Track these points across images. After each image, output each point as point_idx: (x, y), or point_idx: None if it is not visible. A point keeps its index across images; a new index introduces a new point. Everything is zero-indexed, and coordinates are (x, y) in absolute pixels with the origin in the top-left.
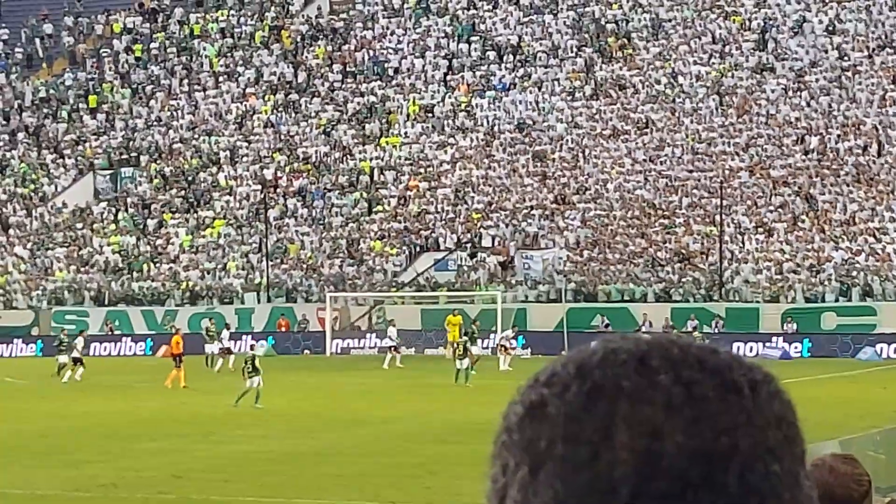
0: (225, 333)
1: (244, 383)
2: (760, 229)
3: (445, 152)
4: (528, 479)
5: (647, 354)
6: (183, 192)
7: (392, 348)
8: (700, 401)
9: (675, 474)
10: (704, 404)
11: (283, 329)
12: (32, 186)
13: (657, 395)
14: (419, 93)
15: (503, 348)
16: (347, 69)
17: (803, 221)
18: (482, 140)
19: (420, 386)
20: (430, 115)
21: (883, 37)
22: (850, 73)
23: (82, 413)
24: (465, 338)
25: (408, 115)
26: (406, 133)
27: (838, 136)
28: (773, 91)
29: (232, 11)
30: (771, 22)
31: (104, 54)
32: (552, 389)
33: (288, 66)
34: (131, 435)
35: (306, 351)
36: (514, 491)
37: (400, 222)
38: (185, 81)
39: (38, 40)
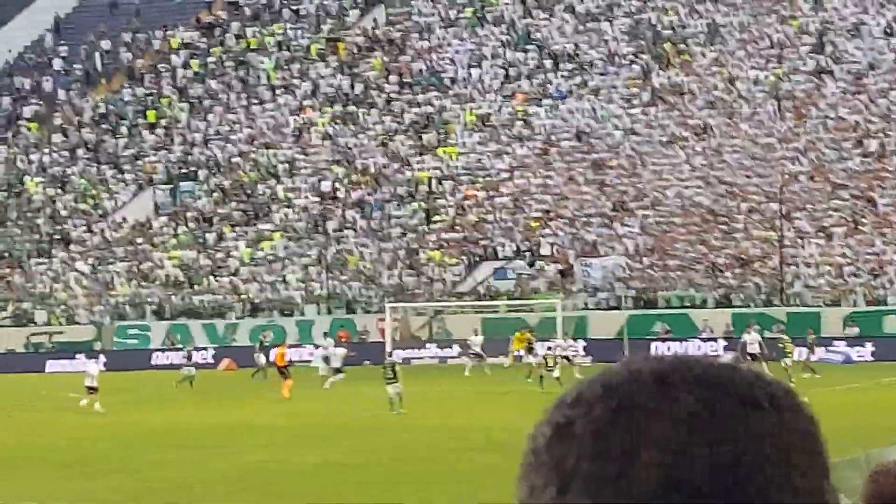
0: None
1: (385, 390)
2: (820, 233)
3: (503, 161)
4: (556, 498)
5: (669, 373)
6: (242, 206)
7: (475, 355)
8: (722, 417)
9: (700, 490)
10: (726, 420)
11: (344, 340)
12: (93, 202)
13: (680, 413)
14: (476, 102)
15: (560, 358)
16: (404, 80)
17: (863, 225)
18: (540, 148)
19: (481, 394)
20: (487, 124)
21: None
22: None
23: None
24: (549, 350)
25: (465, 125)
26: (463, 143)
27: None
28: (831, 94)
29: (288, 24)
30: (828, 25)
31: (162, 69)
32: (578, 410)
33: (345, 78)
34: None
35: (367, 361)
36: None
37: (458, 232)
38: (243, 95)
39: (96, 56)
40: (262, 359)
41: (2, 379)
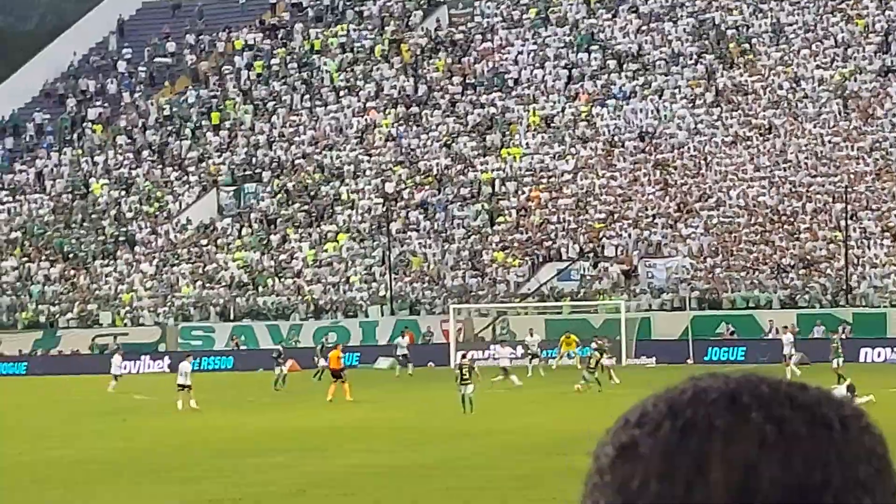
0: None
1: (458, 391)
2: (886, 233)
3: (567, 162)
4: None
5: (738, 392)
6: (306, 207)
7: (532, 356)
8: (792, 436)
9: None
10: (796, 440)
11: (408, 341)
12: (157, 204)
13: (750, 432)
14: (539, 103)
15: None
16: (467, 81)
17: None
18: (603, 149)
19: (549, 395)
20: (550, 125)
21: None
22: None
23: (191, 429)
24: (596, 351)
25: (528, 126)
26: (527, 144)
27: None
28: None
29: (352, 26)
30: (894, 24)
31: (226, 71)
32: (644, 429)
33: (408, 80)
34: (238, 450)
35: (430, 363)
36: None
37: (522, 233)
38: (306, 97)
39: (160, 59)
40: (322, 362)
41: (67, 381)
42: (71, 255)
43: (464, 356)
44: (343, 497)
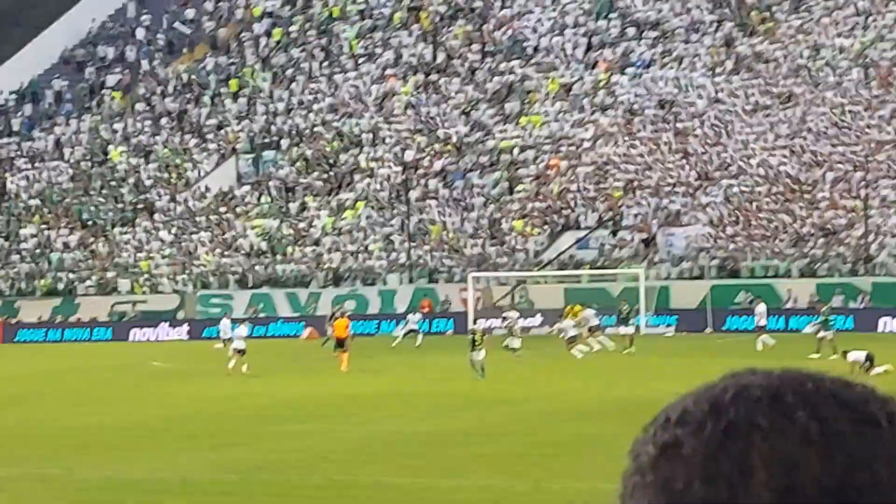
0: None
1: (469, 357)
2: None
3: (586, 130)
4: None
5: (781, 390)
6: (324, 175)
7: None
8: (837, 436)
9: None
10: (841, 439)
11: (426, 310)
12: (176, 171)
13: (794, 432)
14: (559, 71)
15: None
16: (486, 49)
17: None
18: (622, 118)
19: (562, 364)
20: (570, 93)
21: None
22: None
23: (225, 396)
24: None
25: (547, 94)
26: (546, 112)
27: None
28: None
29: None
30: None
31: (244, 38)
32: (686, 429)
33: (427, 47)
34: (274, 417)
35: (449, 331)
36: None
37: (541, 201)
38: (325, 64)
39: (179, 25)
40: (330, 330)
41: (87, 347)
42: (90, 223)
43: (474, 322)
44: (367, 465)
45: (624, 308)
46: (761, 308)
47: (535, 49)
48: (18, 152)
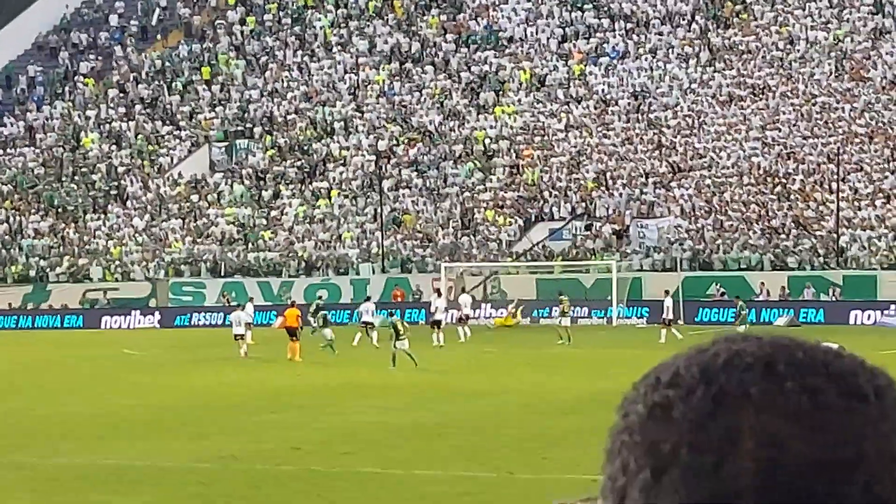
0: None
1: (392, 347)
2: (879, 195)
3: (559, 121)
4: (650, 482)
5: (773, 359)
6: (297, 163)
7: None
8: (825, 409)
9: (799, 484)
10: (829, 413)
11: (399, 299)
12: (148, 158)
13: (784, 403)
14: (533, 61)
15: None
16: (461, 38)
17: None
18: (596, 108)
19: (537, 357)
20: (543, 83)
21: None
22: None
23: (200, 386)
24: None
25: (521, 84)
26: (519, 101)
27: None
28: (890, 55)
29: None
30: None
31: (219, 26)
32: (676, 392)
33: (401, 36)
34: (249, 406)
35: (421, 322)
36: (636, 492)
37: (514, 192)
38: (299, 52)
39: (153, 12)
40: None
41: (58, 335)
42: (61, 209)
43: (391, 314)
44: (342, 456)
45: (563, 301)
46: (668, 301)
47: (510, 39)
48: None
